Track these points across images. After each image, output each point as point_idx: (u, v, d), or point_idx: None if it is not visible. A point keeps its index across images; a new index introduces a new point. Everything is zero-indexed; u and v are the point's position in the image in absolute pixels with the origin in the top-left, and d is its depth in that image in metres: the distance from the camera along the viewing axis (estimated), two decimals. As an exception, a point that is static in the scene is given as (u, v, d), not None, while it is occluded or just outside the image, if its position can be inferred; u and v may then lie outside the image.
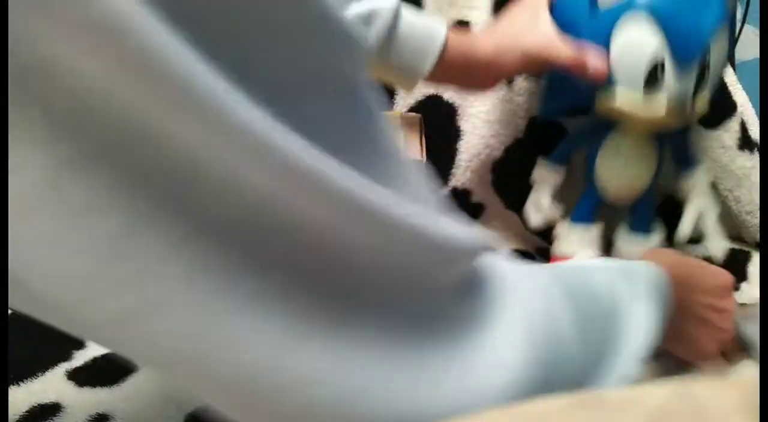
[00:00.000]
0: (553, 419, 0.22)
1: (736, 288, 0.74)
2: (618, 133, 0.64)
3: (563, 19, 0.67)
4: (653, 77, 0.57)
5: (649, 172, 0.65)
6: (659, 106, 0.58)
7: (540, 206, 0.69)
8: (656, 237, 0.67)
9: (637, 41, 0.57)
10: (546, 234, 0.75)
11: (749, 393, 0.21)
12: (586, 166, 0.68)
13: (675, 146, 0.68)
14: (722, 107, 0.72)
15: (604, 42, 0.58)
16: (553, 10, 0.70)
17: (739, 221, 0.78)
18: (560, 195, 0.76)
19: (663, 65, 0.56)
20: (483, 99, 0.79)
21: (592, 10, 0.60)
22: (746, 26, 0.85)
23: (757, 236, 0.77)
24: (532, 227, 0.72)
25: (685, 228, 0.66)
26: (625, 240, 0.68)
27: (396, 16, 0.52)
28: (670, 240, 0.71)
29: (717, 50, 0.58)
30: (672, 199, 0.73)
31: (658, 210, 0.79)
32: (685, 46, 0.56)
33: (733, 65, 0.63)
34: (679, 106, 0.58)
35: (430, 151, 0.79)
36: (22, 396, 0.48)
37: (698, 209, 0.67)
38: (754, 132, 0.75)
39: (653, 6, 0.56)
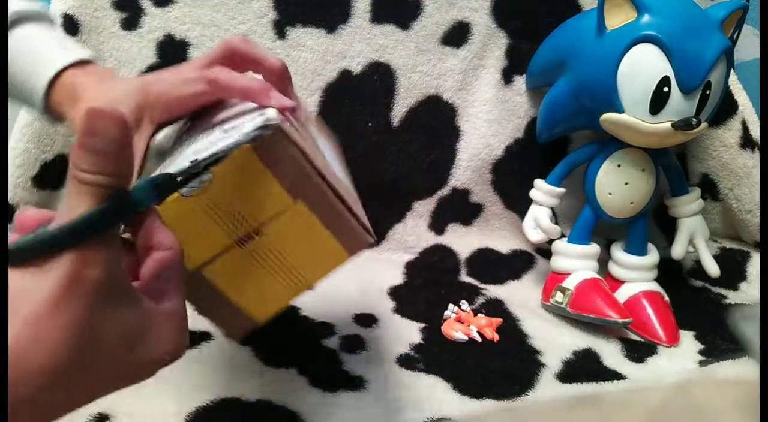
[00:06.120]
0: (554, 418, 0.22)
1: (735, 288, 0.74)
2: (620, 151, 0.65)
3: (571, 40, 0.68)
4: (659, 100, 0.59)
5: (649, 189, 0.66)
6: (663, 126, 0.60)
7: (539, 226, 0.70)
8: (652, 257, 0.68)
9: (644, 66, 0.58)
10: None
11: (748, 392, 0.21)
12: (584, 185, 0.69)
13: (668, 170, 0.69)
14: (724, 106, 0.73)
15: (611, 63, 0.59)
16: (560, 31, 0.71)
17: (739, 220, 0.78)
18: (558, 209, 0.76)
19: (669, 89, 0.58)
20: (483, 99, 0.79)
21: (600, 31, 0.61)
22: (746, 26, 0.85)
23: (757, 236, 0.77)
24: (531, 242, 0.72)
25: (678, 250, 0.68)
26: (620, 260, 0.68)
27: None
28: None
29: (718, 75, 0.60)
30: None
31: (657, 219, 0.79)
32: (690, 71, 0.58)
33: (732, 66, 0.63)
34: (681, 127, 0.59)
35: (430, 151, 0.79)
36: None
37: (690, 230, 0.68)
38: (755, 131, 0.75)
39: (660, 33, 0.57)
